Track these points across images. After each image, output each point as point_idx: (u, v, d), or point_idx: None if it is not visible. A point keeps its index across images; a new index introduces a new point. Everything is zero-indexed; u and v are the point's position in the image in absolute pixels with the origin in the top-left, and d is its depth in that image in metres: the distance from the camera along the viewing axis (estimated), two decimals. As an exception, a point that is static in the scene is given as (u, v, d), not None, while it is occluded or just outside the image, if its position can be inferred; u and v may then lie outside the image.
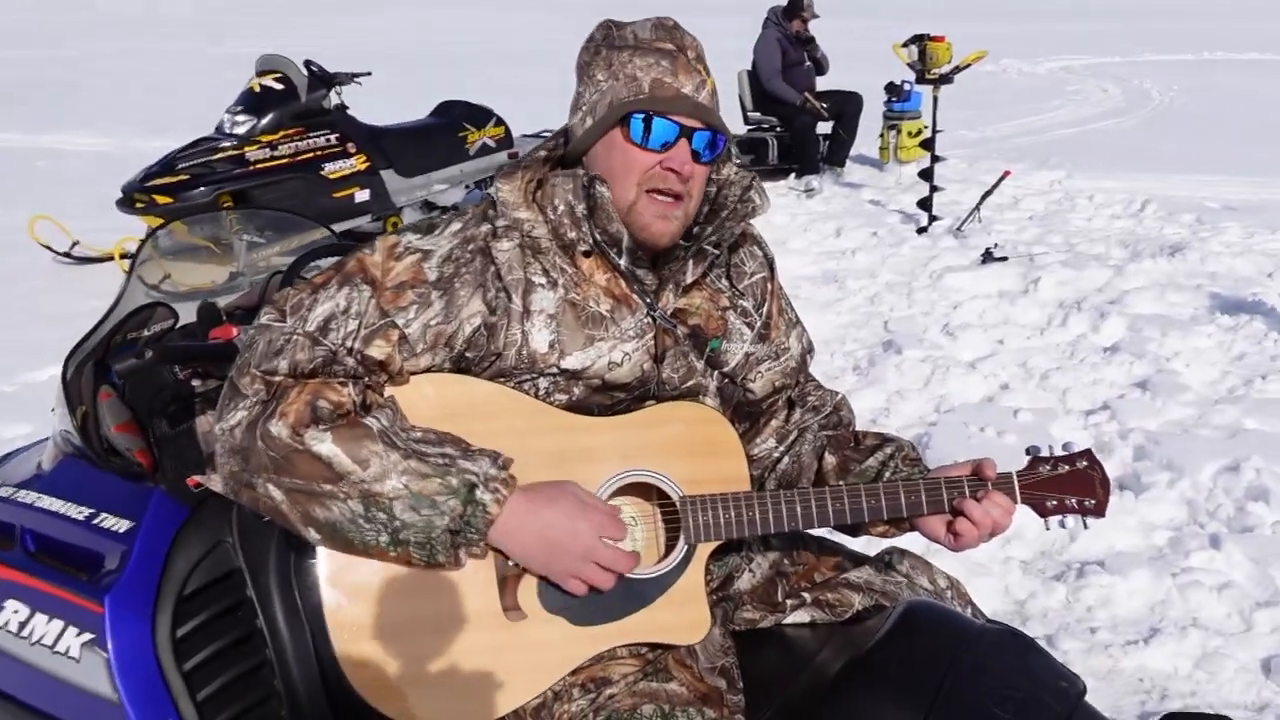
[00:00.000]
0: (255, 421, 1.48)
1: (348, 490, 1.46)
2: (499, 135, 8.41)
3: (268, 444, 1.47)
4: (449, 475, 1.48)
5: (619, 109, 1.60)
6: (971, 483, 1.69)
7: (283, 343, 1.53)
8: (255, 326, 1.58)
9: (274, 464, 1.47)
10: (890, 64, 10.26)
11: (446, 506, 1.47)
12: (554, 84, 15.17)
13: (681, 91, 1.60)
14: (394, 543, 1.48)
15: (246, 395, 1.51)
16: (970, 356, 5.24)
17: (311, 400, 1.49)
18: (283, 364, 1.52)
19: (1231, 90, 17.37)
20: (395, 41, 24.92)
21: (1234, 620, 3.15)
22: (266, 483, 1.48)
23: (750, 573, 1.82)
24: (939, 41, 7.70)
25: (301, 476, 1.46)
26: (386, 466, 1.46)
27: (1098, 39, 26.84)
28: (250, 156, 7.13)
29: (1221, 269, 6.63)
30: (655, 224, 1.63)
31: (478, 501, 1.48)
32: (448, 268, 1.59)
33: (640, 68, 1.60)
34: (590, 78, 1.64)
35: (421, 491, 1.46)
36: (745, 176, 1.73)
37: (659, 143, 1.60)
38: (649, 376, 1.66)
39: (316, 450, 1.46)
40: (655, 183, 1.62)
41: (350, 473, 1.46)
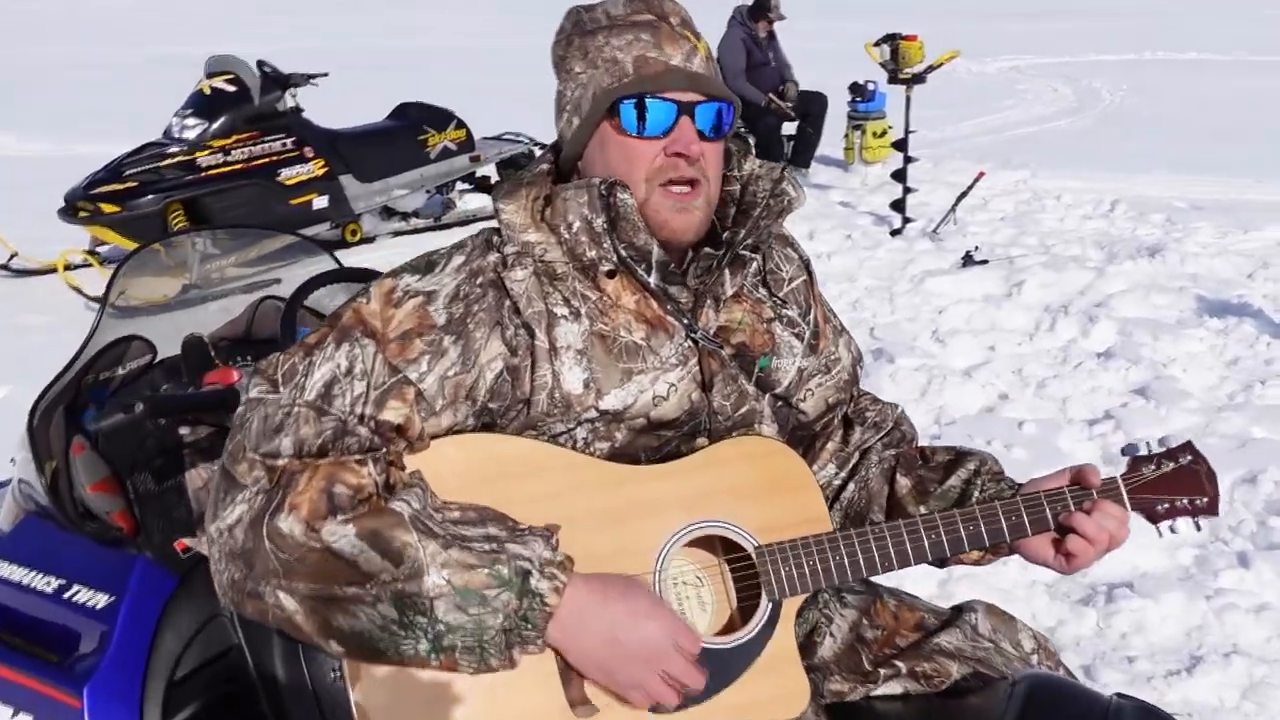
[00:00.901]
0: (259, 518, 1.24)
1: (378, 592, 1.22)
2: (460, 138, 8.16)
3: (276, 544, 1.22)
4: (498, 564, 1.24)
5: (604, 98, 1.40)
6: (1075, 494, 1.50)
7: (281, 418, 1.29)
8: (245, 402, 1.33)
9: (285, 567, 1.22)
10: (853, 64, 10.15)
11: (499, 601, 1.24)
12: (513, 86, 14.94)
13: (670, 64, 1.40)
14: (436, 650, 1.24)
15: (245, 486, 1.26)
16: (964, 364, 5.09)
17: (326, 486, 1.24)
18: (285, 443, 1.28)
19: (1177, 89, 17.58)
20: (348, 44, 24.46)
21: (1276, 645, 3.01)
22: (276, 590, 1.23)
23: (831, 636, 1.62)
24: (911, 41, 7.58)
25: (320, 580, 1.22)
26: (423, 560, 1.22)
27: (1042, 39, 27.13)
28: (202, 162, 6.82)
29: (1201, 270, 6.57)
30: (675, 219, 1.42)
31: (534, 592, 1.25)
32: (457, 308, 1.37)
33: (619, 47, 1.40)
34: (568, 72, 1.44)
35: (468, 586, 1.23)
36: (773, 168, 1.52)
37: (658, 128, 1.40)
38: (699, 408, 1.45)
39: (338, 547, 1.22)
40: (666, 174, 1.41)
41: (380, 571, 1.22)
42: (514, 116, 9.47)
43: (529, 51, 19.95)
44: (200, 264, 2.90)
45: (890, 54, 7.67)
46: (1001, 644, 1.65)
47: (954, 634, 1.63)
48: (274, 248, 2.88)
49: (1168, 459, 1.50)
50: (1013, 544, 1.51)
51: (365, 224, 7.87)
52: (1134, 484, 1.49)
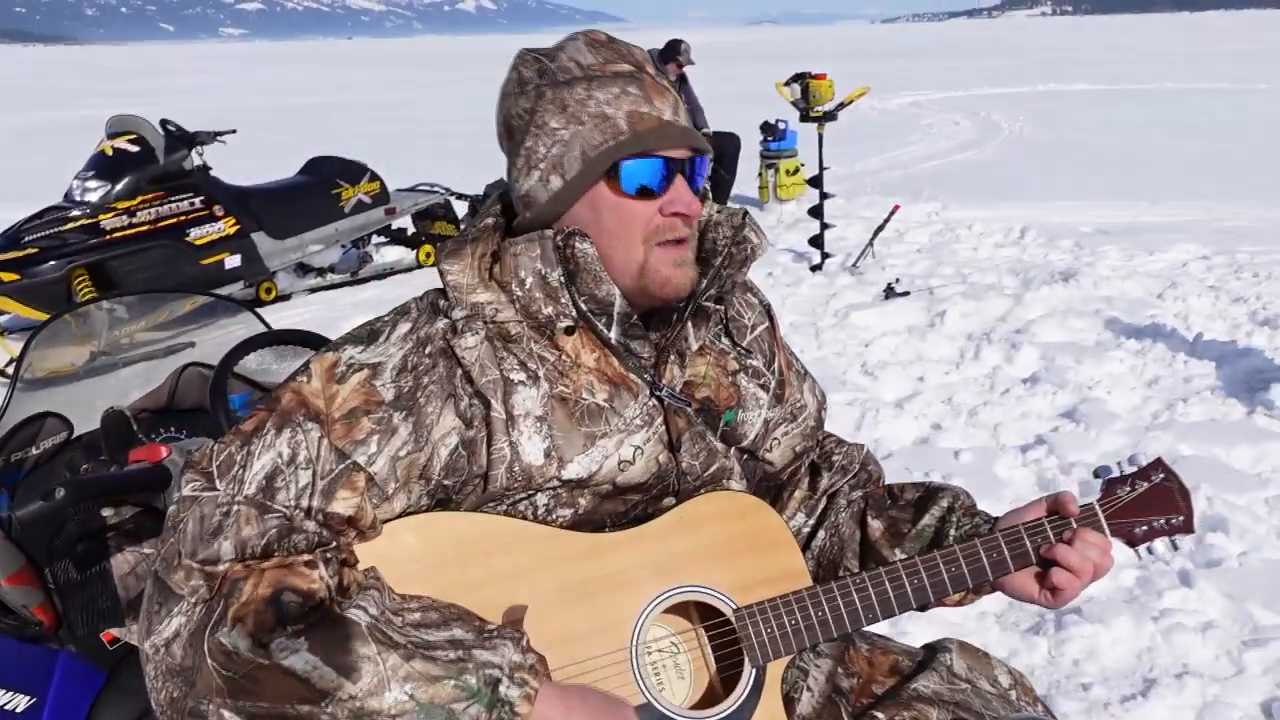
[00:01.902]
0: (199, 632, 1.12)
1: (334, 711, 1.10)
2: (374, 190, 8.04)
3: (219, 661, 1.11)
4: (465, 674, 1.15)
5: (600, 159, 1.31)
6: (1054, 524, 1.46)
7: (220, 518, 1.18)
8: (177, 500, 1.22)
9: (230, 685, 1.11)
10: (763, 104, 10.30)
11: (467, 716, 1.14)
12: (423, 136, 14.76)
13: (664, 119, 1.33)
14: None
15: (182, 596, 1.15)
16: (894, 396, 5.12)
17: (273, 594, 1.13)
18: (225, 546, 1.16)
19: (1070, 119, 18.27)
20: (251, 103, 24.11)
21: (1224, 663, 3.03)
22: (221, 709, 1.11)
23: (809, 690, 1.55)
24: (821, 79, 7.71)
25: (269, 699, 1.10)
26: (383, 674, 1.12)
27: (938, 75, 28.01)
28: (106, 225, 6.59)
29: (1114, 293, 6.74)
30: (675, 273, 1.36)
31: (504, 700, 1.15)
32: (405, 380, 1.27)
33: (606, 102, 1.31)
34: (540, 127, 1.33)
35: (434, 700, 1.13)
36: (733, 214, 1.46)
37: (656, 188, 1.33)
38: (667, 470, 1.38)
39: (288, 664, 1.10)
40: (663, 234, 1.35)
41: (336, 689, 1.10)
42: (426, 167, 9.38)
43: (438, 104, 19.83)
44: (109, 330, 2.76)
45: (801, 92, 7.78)
46: (979, 683, 1.61)
47: (930, 677, 1.58)
48: (186, 309, 2.75)
49: (1140, 479, 1.48)
50: (995, 582, 1.47)
51: (280, 281, 7.68)
52: (1111, 508, 1.47)
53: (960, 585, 1.44)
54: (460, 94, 28.18)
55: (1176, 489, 1.51)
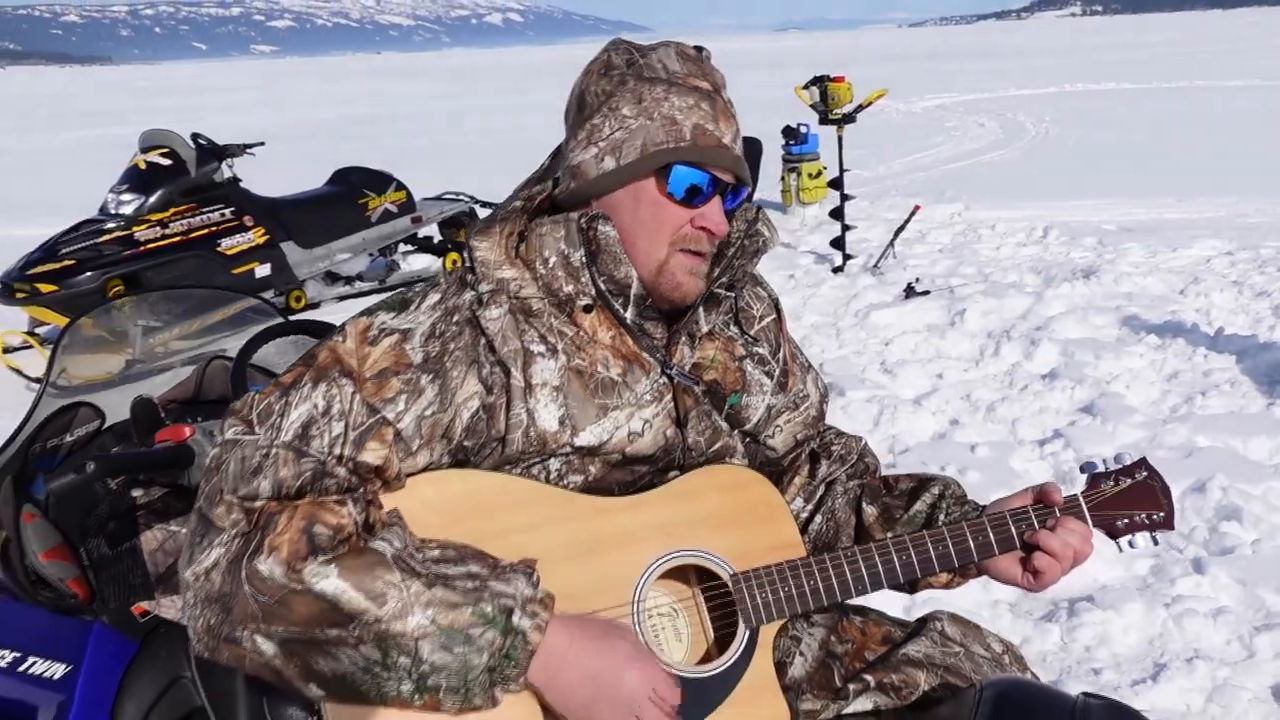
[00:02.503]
0: (238, 560, 1.22)
1: (360, 633, 1.20)
2: (400, 200, 8.16)
3: (256, 586, 1.21)
4: (482, 602, 1.24)
5: (658, 156, 1.41)
6: (1039, 512, 1.54)
7: (259, 459, 1.28)
8: (220, 443, 1.32)
9: (265, 610, 1.20)
10: (784, 109, 10.34)
11: (484, 640, 1.23)
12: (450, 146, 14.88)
13: (723, 142, 1.43)
14: (420, 690, 1.23)
15: (222, 529, 1.24)
16: (913, 393, 5.16)
17: (306, 526, 1.23)
18: (264, 485, 1.27)
19: (1098, 118, 18.16)
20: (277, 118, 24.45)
21: (1235, 648, 3.05)
22: (254, 635, 1.21)
23: (802, 656, 1.62)
24: (839, 82, 7.75)
25: (299, 623, 1.20)
26: (407, 599, 1.22)
27: (963, 78, 27.90)
28: (140, 236, 6.74)
29: (1135, 289, 6.74)
30: (688, 281, 1.46)
31: (516, 629, 1.25)
32: (433, 346, 1.37)
33: (680, 109, 1.41)
34: (613, 110, 1.43)
35: (453, 625, 1.22)
36: (747, 209, 1.55)
37: (696, 200, 1.43)
38: (673, 444, 1.47)
39: (319, 589, 1.20)
40: (688, 243, 1.44)
41: (363, 612, 1.21)
42: (453, 177, 9.50)
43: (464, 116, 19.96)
44: (142, 338, 2.86)
45: (820, 95, 7.83)
46: (971, 647, 1.67)
47: (921, 642, 1.65)
48: (218, 318, 2.84)
49: (1124, 475, 1.55)
50: (980, 564, 1.54)
51: (309, 290, 7.82)
52: (1094, 500, 1.53)
53: (946, 564, 1.51)
54: (487, 105, 28.43)
55: (1159, 488, 1.58)
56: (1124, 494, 1.55)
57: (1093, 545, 1.53)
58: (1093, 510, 1.54)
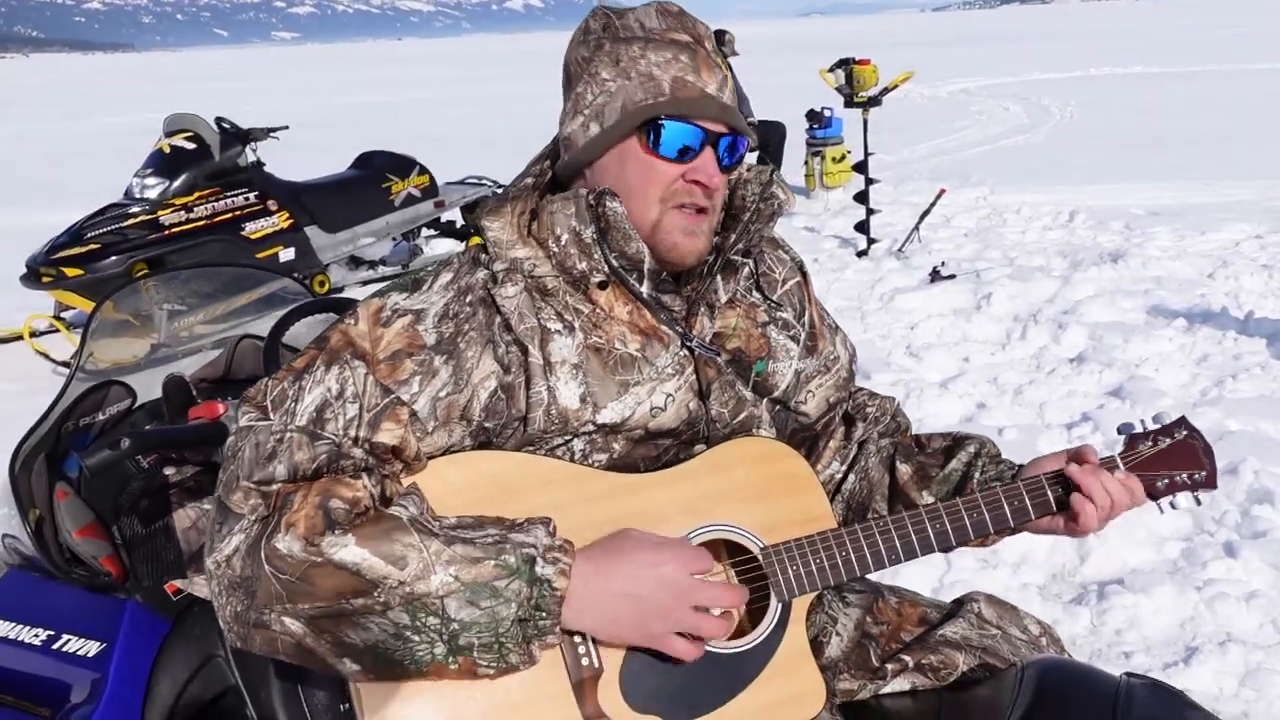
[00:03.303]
0: (257, 543, 1.22)
1: (386, 599, 1.20)
2: (424, 184, 8.16)
3: (277, 566, 1.20)
4: (504, 554, 1.23)
5: (637, 113, 1.38)
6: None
7: (274, 444, 1.28)
8: (235, 431, 1.32)
9: (288, 590, 1.20)
10: (808, 93, 10.27)
11: (510, 591, 1.22)
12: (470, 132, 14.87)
13: (706, 91, 1.39)
14: (453, 651, 1.22)
15: (241, 515, 1.24)
16: (939, 377, 5.12)
17: (321, 501, 1.23)
18: (280, 469, 1.26)
19: (1123, 102, 17.96)
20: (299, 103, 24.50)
21: (1268, 631, 3.02)
22: (282, 616, 1.21)
23: (838, 635, 1.60)
24: (865, 64, 7.69)
25: (325, 597, 1.20)
26: (428, 559, 1.21)
27: (988, 61, 27.65)
28: (164, 220, 6.77)
29: (1164, 273, 6.67)
30: (684, 241, 1.41)
31: (541, 578, 1.23)
32: (447, 326, 1.35)
33: (657, 64, 1.38)
34: (592, 76, 1.41)
35: (477, 580, 1.21)
36: (761, 172, 1.52)
37: (683, 152, 1.39)
38: (697, 417, 1.45)
39: (339, 559, 1.19)
40: (680, 198, 1.41)
41: (386, 577, 1.20)
42: (475, 161, 9.49)
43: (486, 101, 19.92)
44: (168, 321, 2.85)
45: (845, 78, 7.77)
46: (1009, 629, 1.65)
47: (959, 624, 1.63)
48: (243, 301, 2.83)
49: (1163, 435, 1.51)
50: (1017, 525, 1.51)
51: (333, 274, 7.84)
52: (1132, 461, 1.50)
53: (982, 530, 1.48)
54: (508, 90, 28.39)
55: (1200, 447, 1.53)
56: (1163, 454, 1.51)
57: (1131, 497, 1.49)
58: (1131, 471, 1.50)
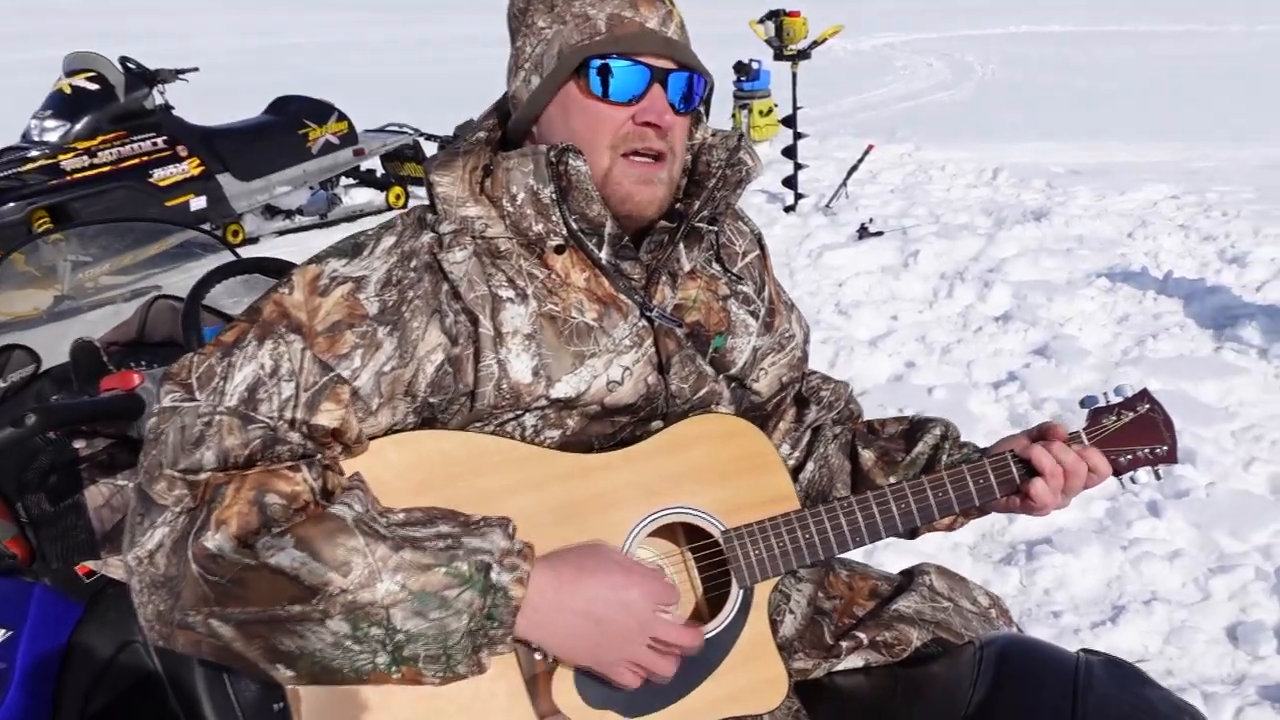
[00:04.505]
0: (183, 540, 1.10)
1: (326, 607, 1.09)
2: (342, 131, 7.91)
3: (205, 567, 1.09)
4: (456, 561, 1.13)
5: (573, 56, 1.29)
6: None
7: (201, 428, 1.16)
8: (157, 412, 1.19)
9: (217, 592, 1.08)
10: (736, 44, 10.18)
11: (461, 602, 1.12)
12: (390, 78, 14.47)
13: (646, 26, 1.30)
14: (397, 661, 1.12)
15: (165, 506, 1.12)
16: (868, 335, 5.14)
17: (256, 497, 1.11)
18: (208, 456, 1.14)
19: (1043, 61, 18.22)
20: (213, 44, 23.62)
21: (1191, 590, 3.08)
22: (209, 619, 1.09)
23: (791, 613, 1.56)
24: (795, 16, 7.62)
25: (258, 602, 1.08)
26: (373, 565, 1.10)
27: (914, 16, 27.80)
28: (66, 166, 6.45)
29: (1085, 231, 6.77)
30: (639, 190, 1.32)
31: (496, 586, 1.14)
32: (390, 294, 1.25)
33: (591, 4, 1.29)
34: (529, 27, 1.32)
35: (425, 589, 1.11)
36: (728, 136, 1.44)
37: (628, 93, 1.30)
38: (656, 392, 1.37)
39: (276, 562, 1.08)
40: (632, 143, 1.31)
41: (327, 583, 1.09)
42: (394, 108, 9.22)
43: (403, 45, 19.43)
44: (72, 273, 2.70)
45: (775, 30, 7.69)
46: (960, 601, 1.63)
47: (911, 597, 1.60)
48: (152, 252, 2.70)
49: (1126, 409, 1.49)
50: (983, 505, 1.48)
51: (248, 224, 7.57)
52: (1096, 437, 1.47)
53: (947, 510, 1.44)
54: (430, 34, 27.69)
55: (1161, 420, 1.51)
56: (1126, 428, 1.49)
57: (1095, 472, 1.45)
58: (1095, 446, 1.48)
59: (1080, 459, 1.43)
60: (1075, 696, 1.28)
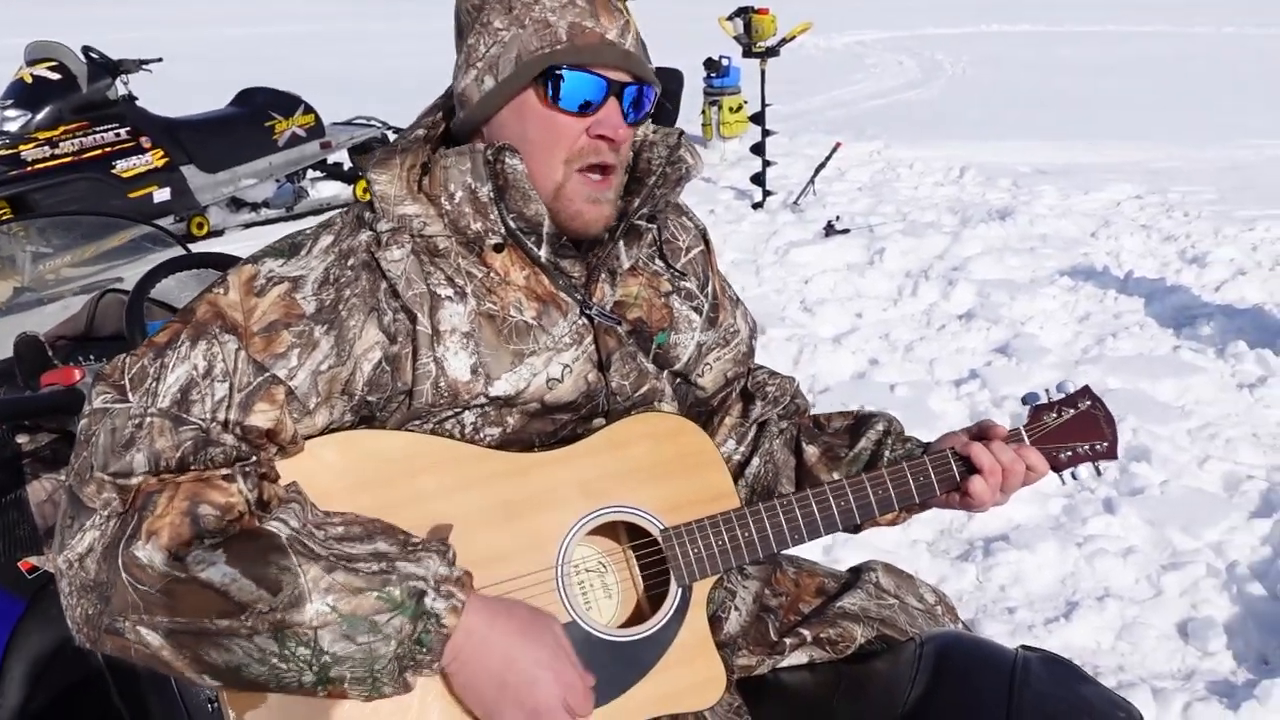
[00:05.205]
0: (113, 546, 1.09)
1: (254, 624, 1.08)
2: (309, 124, 7.85)
3: (135, 575, 1.08)
4: (389, 585, 1.12)
5: (533, 63, 1.28)
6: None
7: (132, 430, 1.15)
8: (88, 413, 1.18)
9: (146, 600, 1.08)
10: (706, 40, 10.19)
11: (390, 628, 1.12)
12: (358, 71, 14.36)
13: (606, 37, 1.30)
14: (323, 681, 1.11)
15: (94, 510, 1.12)
16: (832, 332, 5.16)
17: (189, 508, 1.11)
18: (138, 459, 1.14)
19: (1013, 60, 18.35)
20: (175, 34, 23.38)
21: (1143, 586, 3.12)
22: (138, 626, 1.09)
23: (737, 610, 1.57)
24: (764, 14, 7.64)
25: (186, 614, 1.08)
26: (304, 586, 1.09)
27: (881, 14, 27.92)
28: (26, 156, 6.37)
29: (1049, 230, 6.83)
30: (588, 210, 1.33)
31: (429, 612, 1.14)
32: (327, 294, 1.25)
33: (552, 10, 1.29)
34: (484, 25, 1.31)
35: (356, 612, 1.10)
36: (669, 134, 1.44)
37: (585, 105, 1.30)
38: (596, 389, 1.37)
39: (206, 576, 1.08)
40: (587, 157, 1.32)
41: (255, 601, 1.08)
42: (362, 101, 9.16)
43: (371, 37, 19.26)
44: (32, 264, 2.68)
45: (744, 27, 7.71)
46: (906, 598, 1.64)
47: (857, 595, 1.61)
48: (114, 244, 2.69)
49: (1067, 405, 1.51)
50: (924, 502, 1.49)
51: (213, 216, 7.51)
52: (1037, 434, 1.49)
53: (887, 508, 1.46)
54: (405, 28, 27.53)
55: (1102, 417, 1.54)
56: (1067, 425, 1.51)
57: (1032, 469, 1.47)
58: (1035, 444, 1.50)
59: (1018, 457, 1.45)
60: (1011, 692, 1.30)
